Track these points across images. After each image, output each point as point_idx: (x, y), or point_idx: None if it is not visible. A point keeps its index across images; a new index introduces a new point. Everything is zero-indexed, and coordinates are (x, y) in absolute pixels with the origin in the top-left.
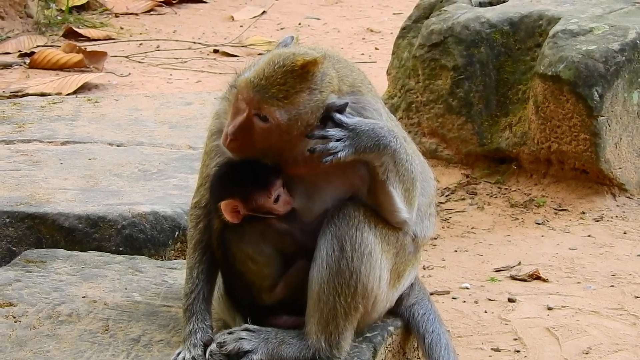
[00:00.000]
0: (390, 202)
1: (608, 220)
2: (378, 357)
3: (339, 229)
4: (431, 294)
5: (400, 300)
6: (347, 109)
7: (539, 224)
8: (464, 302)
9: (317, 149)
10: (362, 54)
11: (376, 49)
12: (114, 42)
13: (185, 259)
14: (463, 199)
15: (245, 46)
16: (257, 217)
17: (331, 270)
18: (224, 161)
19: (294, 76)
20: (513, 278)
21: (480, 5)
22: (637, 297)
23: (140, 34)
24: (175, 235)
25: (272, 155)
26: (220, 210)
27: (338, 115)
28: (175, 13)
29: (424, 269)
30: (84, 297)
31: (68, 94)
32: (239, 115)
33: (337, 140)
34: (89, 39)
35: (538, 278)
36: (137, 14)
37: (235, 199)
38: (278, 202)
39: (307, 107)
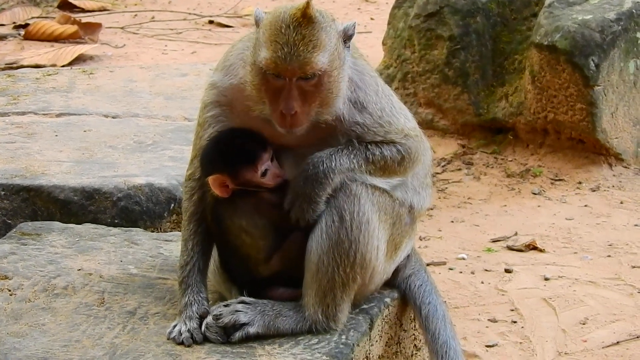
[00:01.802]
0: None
1: (605, 190)
2: (375, 328)
3: (337, 199)
4: (428, 264)
5: (396, 271)
6: (349, 73)
7: (535, 194)
8: (461, 272)
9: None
10: (358, 24)
11: (372, 19)
12: (109, 13)
13: (180, 231)
14: (459, 170)
15: (241, 17)
16: (248, 190)
17: (331, 241)
18: (215, 134)
19: (303, 27)
20: (510, 248)
21: None
22: (634, 267)
23: (135, 5)
24: (171, 207)
25: (323, 112)
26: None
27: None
28: None
29: (421, 239)
30: (80, 269)
31: (63, 66)
32: (283, 91)
33: (292, 207)
34: (83, 10)
35: (535, 248)
36: None
37: (223, 174)
38: (266, 175)
39: (331, 42)
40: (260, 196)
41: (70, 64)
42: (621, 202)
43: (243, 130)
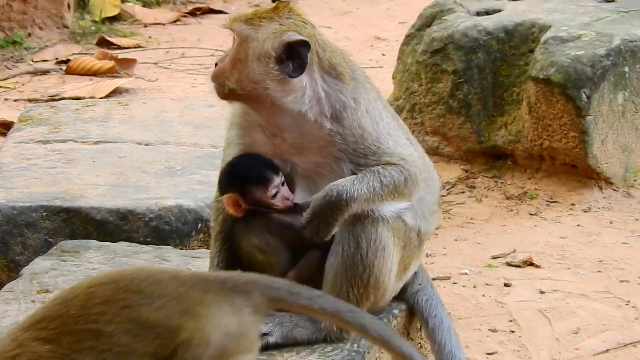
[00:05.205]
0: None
1: (595, 211)
2: None
3: (354, 226)
4: (433, 279)
5: (405, 287)
6: (323, 93)
7: (532, 214)
8: (464, 286)
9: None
10: (370, 60)
11: (383, 55)
12: (143, 50)
13: (207, 248)
14: (463, 192)
15: None
16: (260, 210)
17: (345, 264)
18: (234, 156)
19: (267, 9)
20: (508, 264)
21: (478, 14)
22: (622, 281)
23: (167, 42)
24: (198, 227)
25: (245, 90)
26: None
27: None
28: (199, 23)
29: (427, 256)
30: None
31: (101, 98)
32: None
33: (308, 225)
34: (120, 47)
35: (531, 264)
36: (164, 24)
37: (235, 193)
38: (276, 197)
39: (263, 30)
40: (272, 217)
41: (107, 96)
42: (610, 222)
43: (258, 156)
